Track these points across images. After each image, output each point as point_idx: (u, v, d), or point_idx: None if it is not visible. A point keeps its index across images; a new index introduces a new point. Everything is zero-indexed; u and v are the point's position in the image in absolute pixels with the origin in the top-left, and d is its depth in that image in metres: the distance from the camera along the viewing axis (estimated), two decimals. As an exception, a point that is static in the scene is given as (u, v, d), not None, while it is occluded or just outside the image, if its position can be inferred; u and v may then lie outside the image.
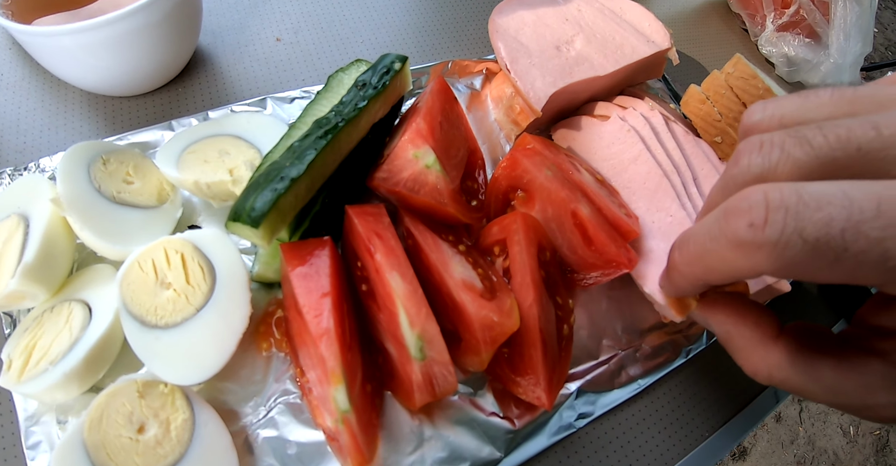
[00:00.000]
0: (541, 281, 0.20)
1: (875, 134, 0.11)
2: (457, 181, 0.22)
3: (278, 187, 0.18)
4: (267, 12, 0.32)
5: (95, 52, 0.23)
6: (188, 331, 0.18)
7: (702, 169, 0.28)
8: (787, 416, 1.16)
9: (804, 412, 1.17)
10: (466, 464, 0.19)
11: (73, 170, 0.20)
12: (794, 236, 0.10)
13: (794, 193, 0.11)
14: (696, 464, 0.23)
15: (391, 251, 0.18)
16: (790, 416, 1.17)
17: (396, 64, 0.23)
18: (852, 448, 1.21)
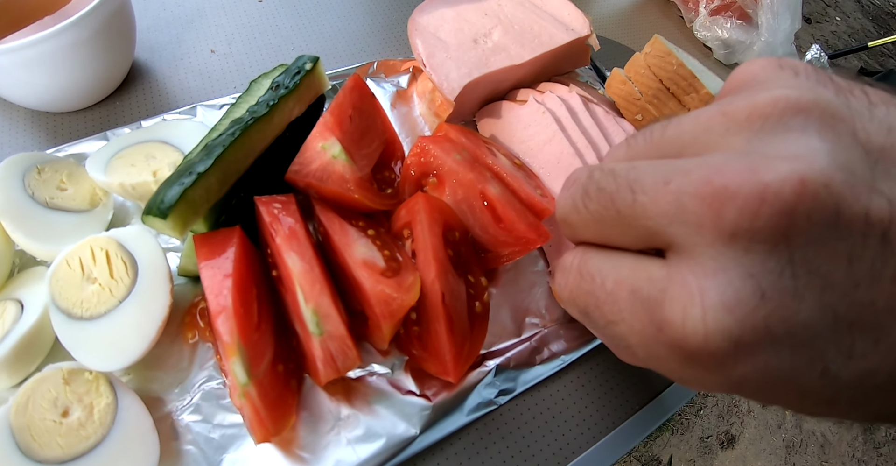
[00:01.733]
0: (446, 258, 0.22)
1: (631, 199, 0.12)
2: (367, 170, 0.24)
3: (185, 181, 0.20)
4: (202, 26, 0.34)
5: (30, 70, 0.26)
6: (111, 321, 0.20)
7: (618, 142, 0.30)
8: None
9: None
10: (381, 440, 0.21)
11: (7, 179, 0.23)
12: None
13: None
14: (626, 438, 0.25)
15: (291, 234, 0.20)
16: (787, 405, 1.17)
17: (308, 64, 0.25)
18: (840, 428, 1.21)
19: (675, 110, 0.32)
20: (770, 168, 0.10)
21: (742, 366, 0.11)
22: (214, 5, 0.36)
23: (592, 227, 0.14)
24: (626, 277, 0.13)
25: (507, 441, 0.23)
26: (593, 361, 0.26)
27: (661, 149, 0.14)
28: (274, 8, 0.36)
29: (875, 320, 0.10)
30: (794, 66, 0.13)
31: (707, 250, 0.11)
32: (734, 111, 0.12)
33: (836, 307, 0.10)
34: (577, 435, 0.24)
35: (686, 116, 0.14)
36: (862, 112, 0.12)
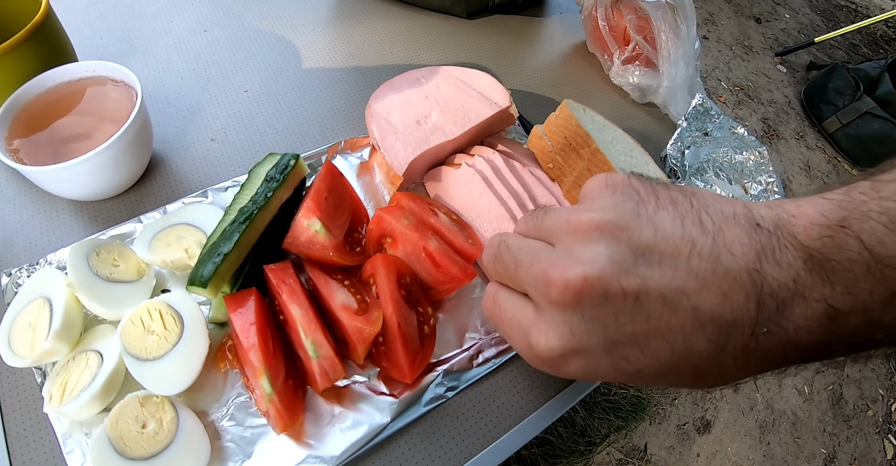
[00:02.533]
0: (399, 298, 0.32)
1: (514, 270, 0.24)
2: (341, 237, 0.34)
3: (216, 260, 0.30)
4: (203, 117, 0.44)
5: (77, 178, 0.35)
6: (168, 360, 0.30)
7: (537, 191, 0.41)
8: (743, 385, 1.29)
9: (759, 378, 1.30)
10: (364, 427, 0.31)
11: (77, 262, 0.32)
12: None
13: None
14: (547, 416, 0.35)
15: (292, 291, 0.30)
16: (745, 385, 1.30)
17: (291, 161, 0.35)
18: (809, 405, 1.34)
19: (575, 160, 0.43)
20: (573, 268, 0.21)
21: (568, 366, 0.22)
22: (210, 97, 0.46)
23: (500, 276, 0.25)
24: (516, 311, 0.24)
25: (455, 424, 0.33)
26: (517, 362, 0.36)
27: (539, 232, 0.25)
28: (258, 97, 0.47)
29: (636, 341, 0.21)
30: (614, 184, 0.23)
31: (546, 307, 0.22)
32: (570, 222, 0.22)
33: (612, 336, 0.21)
34: (507, 416, 0.34)
35: (554, 212, 0.25)
36: (643, 219, 0.21)
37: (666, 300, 0.19)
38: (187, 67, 0.48)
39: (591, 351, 0.21)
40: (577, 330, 0.21)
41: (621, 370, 0.21)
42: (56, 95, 0.38)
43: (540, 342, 0.22)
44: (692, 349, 0.20)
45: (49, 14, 0.38)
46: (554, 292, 0.21)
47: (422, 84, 0.44)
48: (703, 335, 0.19)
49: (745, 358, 0.19)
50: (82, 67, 0.39)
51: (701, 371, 0.20)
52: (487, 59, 0.56)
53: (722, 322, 0.19)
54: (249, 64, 0.49)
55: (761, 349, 0.19)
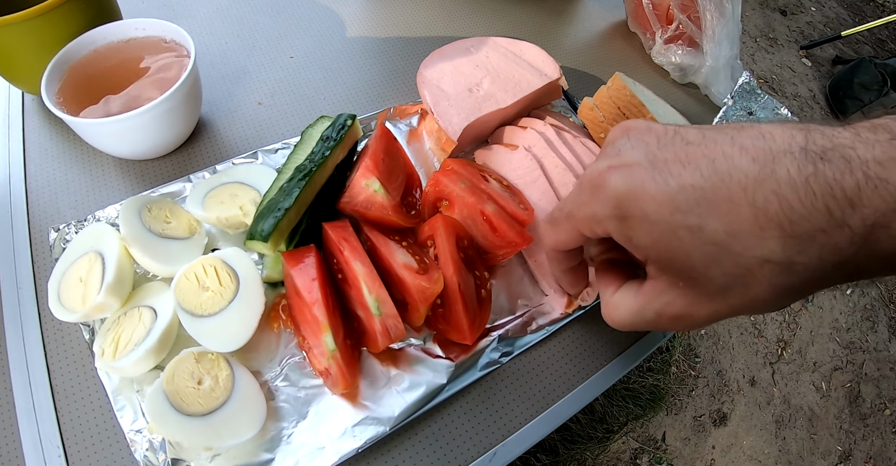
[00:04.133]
0: (459, 259, 0.31)
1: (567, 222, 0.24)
2: (398, 198, 0.33)
3: (277, 215, 0.29)
4: (248, 82, 0.43)
5: (128, 134, 0.34)
6: (224, 317, 0.29)
7: (590, 161, 0.39)
8: (760, 379, 1.27)
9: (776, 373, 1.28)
10: (422, 388, 0.30)
11: (130, 217, 0.31)
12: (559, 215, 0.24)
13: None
14: (599, 384, 0.34)
15: (354, 248, 0.29)
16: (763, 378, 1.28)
17: (349, 121, 0.34)
18: (826, 402, 1.32)
19: None
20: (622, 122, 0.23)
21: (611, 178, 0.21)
22: (255, 63, 0.45)
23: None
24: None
25: (511, 389, 0.32)
26: (569, 330, 0.35)
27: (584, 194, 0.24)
28: (304, 63, 0.45)
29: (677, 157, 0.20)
30: (629, 129, 0.23)
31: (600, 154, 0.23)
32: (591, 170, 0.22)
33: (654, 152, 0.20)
34: (561, 383, 0.33)
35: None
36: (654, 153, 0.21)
37: (704, 135, 0.20)
38: (231, 32, 0.47)
39: (634, 164, 0.20)
40: (623, 148, 0.22)
41: (665, 184, 0.19)
42: (107, 54, 0.37)
43: (591, 168, 0.22)
44: (736, 166, 0.18)
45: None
46: (609, 135, 0.23)
47: (472, 53, 0.43)
48: (745, 156, 0.18)
49: (806, 188, 0.17)
50: (132, 24, 0.38)
51: (756, 202, 0.18)
52: (528, 35, 0.55)
53: (764, 147, 0.18)
54: (294, 31, 0.48)
55: (825, 172, 0.17)
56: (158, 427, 0.26)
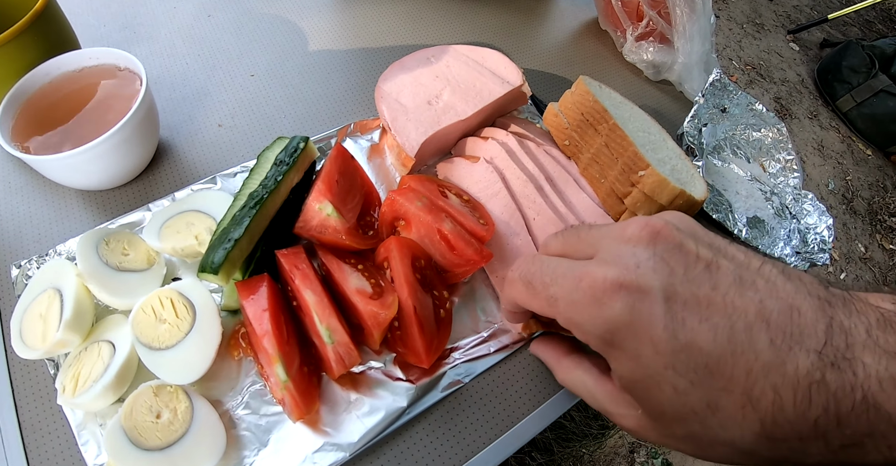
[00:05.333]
0: (415, 281, 0.30)
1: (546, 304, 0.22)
2: (353, 220, 0.33)
3: (227, 246, 0.28)
4: (209, 103, 0.43)
5: (84, 167, 0.34)
6: (181, 349, 0.29)
7: (553, 170, 0.39)
8: None
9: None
10: (381, 413, 0.30)
11: (87, 252, 0.31)
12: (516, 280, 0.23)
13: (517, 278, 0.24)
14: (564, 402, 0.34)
15: (305, 276, 0.28)
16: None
17: (301, 144, 0.34)
18: None
19: (592, 137, 0.40)
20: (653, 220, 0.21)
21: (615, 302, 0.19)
22: (215, 83, 0.44)
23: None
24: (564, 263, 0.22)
25: (473, 409, 0.32)
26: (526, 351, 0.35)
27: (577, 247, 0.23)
28: (265, 81, 0.45)
29: (697, 303, 0.18)
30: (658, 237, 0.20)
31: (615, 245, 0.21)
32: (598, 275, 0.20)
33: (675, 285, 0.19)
34: (524, 401, 0.33)
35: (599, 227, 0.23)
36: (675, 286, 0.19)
37: (735, 279, 0.18)
38: (192, 52, 0.46)
39: (649, 292, 0.18)
40: (643, 264, 0.19)
41: (673, 337, 0.18)
42: (60, 85, 0.37)
43: (598, 271, 0.20)
44: (752, 343, 0.17)
45: (50, 2, 0.36)
46: (631, 228, 0.20)
47: (432, 63, 0.42)
48: (765, 333, 0.17)
49: (805, 394, 0.17)
50: (86, 54, 0.37)
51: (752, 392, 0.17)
52: (497, 38, 0.54)
53: (787, 329, 0.17)
54: (255, 48, 0.47)
55: (830, 383, 0.16)
56: (117, 463, 0.26)
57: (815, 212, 0.49)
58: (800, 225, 0.48)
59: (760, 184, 0.50)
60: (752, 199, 0.49)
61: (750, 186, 0.50)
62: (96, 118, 0.36)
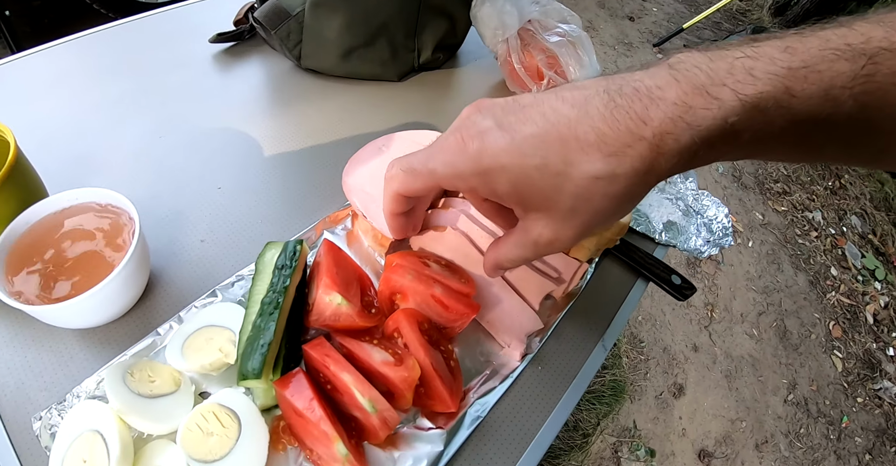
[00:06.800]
0: (426, 342, 0.38)
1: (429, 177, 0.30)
2: (358, 303, 0.39)
3: (262, 351, 0.34)
4: (185, 222, 0.47)
5: (83, 312, 0.37)
6: (236, 455, 0.33)
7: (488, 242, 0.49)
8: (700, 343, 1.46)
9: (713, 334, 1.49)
10: (424, 461, 0.36)
11: (117, 387, 0.34)
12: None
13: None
14: (567, 405, 0.42)
15: (338, 361, 0.34)
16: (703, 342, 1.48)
17: (298, 247, 0.40)
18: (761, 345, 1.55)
19: None
20: None
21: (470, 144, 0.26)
22: (186, 202, 0.49)
23: None
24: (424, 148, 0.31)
25: (497, 435, 0.39)
26: (528, 370, 0.43)
27: None
28: (233, 192, 0.50)
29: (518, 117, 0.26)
30: (479, 106, 0.28)
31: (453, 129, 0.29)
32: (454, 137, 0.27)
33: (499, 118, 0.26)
34: (536, 416, 0.41)
35: None
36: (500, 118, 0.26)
37: (535, 97, 0.26)
38: (153, 175, 0.51)
39: (487, 130, 0.26)
40: (476, 120, 0.27)
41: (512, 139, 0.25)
42: (43, 231, 0.40)
43: (450, 135, 0.27)
44: (561, 114, 0.24)
45: (19, 155, 0.40)
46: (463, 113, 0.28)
47: (384, 152, 0.51)
48: (565, 105, 0.25)
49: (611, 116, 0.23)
50: (63, 197, 0.41)
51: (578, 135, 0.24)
52: (425, 114, 0.65)
53: (579, 97, 0.25)
54: (214, 162, 0.53)
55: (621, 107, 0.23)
56: None
57: (713, 205, 0.64)
58: (704, 219, 0.62)
59: (666, 194, 0.65)
60: (662, 207, 0.63)
61: (658, 197, 0.64)
62: (88, 259, 0.39)
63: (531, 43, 0.70)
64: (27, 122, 0.54)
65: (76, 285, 0.37)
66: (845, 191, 2.19)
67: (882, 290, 1.85)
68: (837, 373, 1.56)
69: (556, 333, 0.46)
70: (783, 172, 2.15)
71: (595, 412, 1.21)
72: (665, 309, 1.48)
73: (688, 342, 1.44)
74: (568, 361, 0.45)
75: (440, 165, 0.28)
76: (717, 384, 1.40)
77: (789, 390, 1.47)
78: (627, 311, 0.50)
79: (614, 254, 0.54)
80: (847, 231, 2.01)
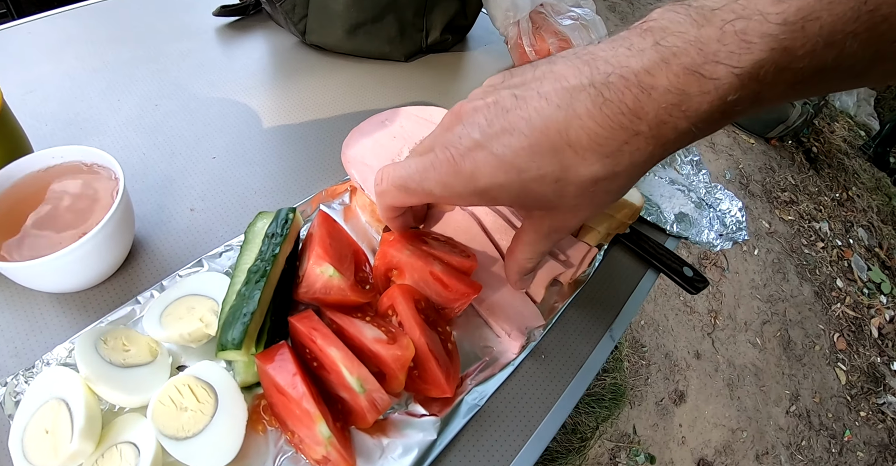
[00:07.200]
0: (422, 321, 0.35)
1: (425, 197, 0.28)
2: (351, 278, 0.37)
3: (245, 321, 0.31)
4: (176, 190, 0.45)
5: (65, 269, 0.34)
6: (210, 432, 0.30)
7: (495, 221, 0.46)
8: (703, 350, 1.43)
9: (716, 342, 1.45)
10: (415, 450, 0.33)
11: (87, 354, 0.31)
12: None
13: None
14: (569, 400, 0.39)
15: (325, 335, 0.32)
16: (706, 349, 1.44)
17: (290, 215, 0.38)
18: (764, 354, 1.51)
19: None
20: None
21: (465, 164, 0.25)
22: (178, 169, 0.46)
23: None
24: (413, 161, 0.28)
25: (495, 427, 0.36)
26: (530, 359, 0.40)
27: None
28: (227, 161, 0.48)
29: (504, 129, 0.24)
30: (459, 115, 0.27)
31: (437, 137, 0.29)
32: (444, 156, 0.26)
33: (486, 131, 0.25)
34: (536, 408, 0.38)
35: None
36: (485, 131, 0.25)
37: (516, 97, 0.24)
38: (147, 142, 0.48)
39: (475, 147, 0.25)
40: (462, 134, 0.25)
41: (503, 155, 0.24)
42: (25, 187, 0.37)
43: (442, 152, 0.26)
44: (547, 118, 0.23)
45: (5, 108, 0.37)
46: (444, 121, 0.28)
47: (387, 126, 0.49)
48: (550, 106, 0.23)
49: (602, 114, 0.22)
50: (49, 154, 0.38)
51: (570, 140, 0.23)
52: (431, 95, 0.62)
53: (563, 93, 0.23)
54: (210, 131, 0.51)
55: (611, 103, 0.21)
56: None
57: (726, 199, 0.61)
58: (717, 212, 0.59)
59: (678, 185, 0.62)
60: (674, 198, 0.61)
61: (670, 188, 0.62)
62: (70, 218, 0.37)
63: (543, 26, 0.67)
64: (23, 84, 0.52)
65: (56, 245, 0.35)
66: (853, 203, 2.16)
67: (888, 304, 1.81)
68: (841, 386, 1.52)
69: (560, 321, 0.43)
70: (790, 181, 2.12)
71: (594, 415, 1.18)
72: (668, 314, 1.45)
73: (690, 349, 1.41)
74: (573, 351, 0.42)
75: (435, 186, 0.27)
76: (718, 392, 1.36)
77: (792, 401, 1.43)
78: (637, 302, 0.47)
79: (624, 242, 0.51)
80: (854, 243, 1.98)
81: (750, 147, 2.17)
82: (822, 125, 2.49)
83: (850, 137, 2.51)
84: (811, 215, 2.01)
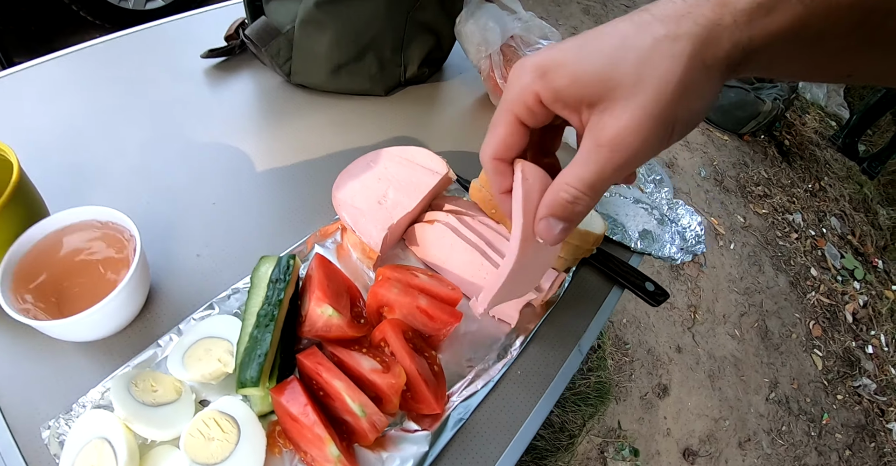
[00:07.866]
0: (411, 350, 0.41)
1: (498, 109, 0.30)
2: (348, 314, 0.43)
3: (260, 361, 0.37)
4: (181, 236, 0.50)
5: (89, 326, 0.40)
6: (236, 457, 0.36)
7: (488, 234, 0.52)
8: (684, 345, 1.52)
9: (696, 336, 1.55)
10: (411, 461, 0.39)
11: (123, 396, 0.37)
12: None
13: None
14: (547, 405, 0.46)
15: (329, 369, 0.38)
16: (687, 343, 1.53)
17: (291, 261, 0.43)
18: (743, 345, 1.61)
19: None
20: None
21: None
22: (181, 215, 0.52)
23: None
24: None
25: (479, 436, 0.42)
26: (505, 380, 0.47)
27: None
28: (226, 206, 0.53)
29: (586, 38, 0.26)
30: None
31: None
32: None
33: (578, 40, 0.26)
34: (516, 416, 0.44)
35: None
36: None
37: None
38: (148, 190, 0.53)
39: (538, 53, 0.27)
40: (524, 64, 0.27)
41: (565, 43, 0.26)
42: (47, 247, 0.42)
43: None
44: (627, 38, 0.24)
45: (22, 175, 0.42)
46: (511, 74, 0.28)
47: (372, 168, 0.55)
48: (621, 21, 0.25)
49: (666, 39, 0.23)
50: (64, 216, 0.43)
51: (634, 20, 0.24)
52: (411, 127, 0.68)
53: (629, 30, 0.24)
54: (207, 177, 0.56)
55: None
56: None
57: (687, 214, 0.68)
58: (678, 227, 0.67)
59: (642, 203, 0.69)
60: (638, 217, 0.68)
61: (634, 207, 0.69)
62: (90, 274, 0.42)
63: (513, 58, 0.74)
64: (21, 136, 0.56)
65: (80, 301, 0.40)
66: (825, 193, 2.28)
67: (861, 289, 1.93)
68: (818, 371, 1.63)
69: (535, 338, 0.50)
70: (764, 175, 2.23)
71: (581, 413, 1.26)
72: (649, 311, 1.53)
73: (671, 344, 1.50)
74: (546, 365, 0.48)
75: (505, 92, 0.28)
76: (700, 384, 1.45)
77: (771, 388, 1.53)
78: (603, 317, 0.54)
79: (591, 263, 0.58)
80: (827, 232, 2.10)
81: (724, 144, 2.28)
82: (794, 118, 2.62)
83: (821, 129, 2.64)
84: (785, 207, 2.12)
